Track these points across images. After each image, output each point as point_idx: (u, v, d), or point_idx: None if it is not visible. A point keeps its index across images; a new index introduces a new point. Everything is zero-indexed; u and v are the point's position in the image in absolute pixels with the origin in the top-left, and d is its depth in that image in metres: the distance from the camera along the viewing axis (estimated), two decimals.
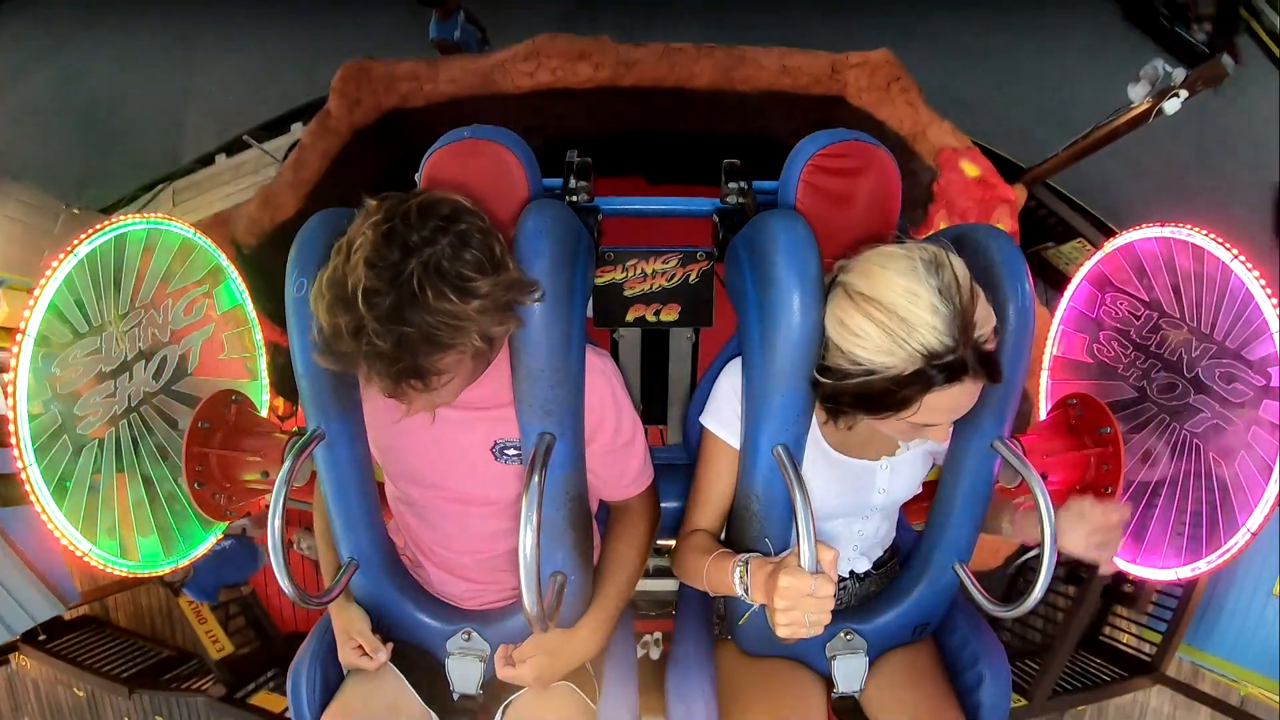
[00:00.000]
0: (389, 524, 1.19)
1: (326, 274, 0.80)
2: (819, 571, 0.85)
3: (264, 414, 1.51)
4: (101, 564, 1.26)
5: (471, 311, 0.79)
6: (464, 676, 1.14)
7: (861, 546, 1.18)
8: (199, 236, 1.49)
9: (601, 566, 1.13)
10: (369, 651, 1.11)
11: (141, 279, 1.38)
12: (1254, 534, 1.18)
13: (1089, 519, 0.98)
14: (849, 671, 1.15)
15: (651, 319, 1.36)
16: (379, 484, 1.13)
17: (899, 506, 1.20)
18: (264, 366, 1.60)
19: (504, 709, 1.14)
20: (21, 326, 1.21)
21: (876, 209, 1.06)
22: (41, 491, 1.20)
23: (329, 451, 1.03)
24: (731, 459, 1.08)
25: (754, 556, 0.97)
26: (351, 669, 1.14)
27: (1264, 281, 1.19)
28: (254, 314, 1.61)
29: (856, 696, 1.17)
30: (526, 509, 0.87)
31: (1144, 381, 1.34)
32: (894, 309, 0.82)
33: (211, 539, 1.43)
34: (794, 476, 0.93)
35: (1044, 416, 1.34)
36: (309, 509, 1.24)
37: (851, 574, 1.20)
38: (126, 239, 1.35)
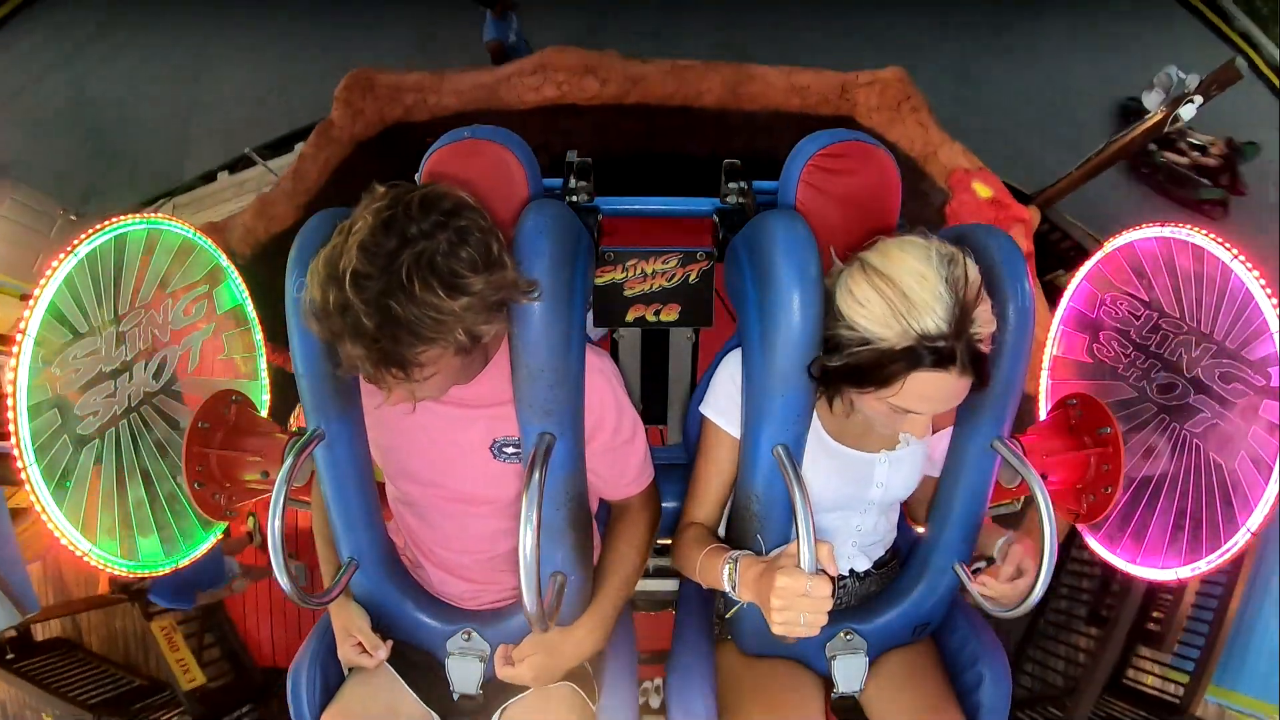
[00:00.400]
0: (389, 524, 1.19)
1: (324, 252, 0.80)
2: (818, 571, 0.85)
3: (264, 414, 1.51)
4: (101, 564, 1.26)
5: (458, 308, 0.79)
6: (464, 676, 1.14)
7: (860, 543, 1.18)
8: (199, 236, 1.49)
9: (601, 566, 1.13)
10: (369, 649, 1.11)
11: (141, 279, 1.38)
12: (1254, 534, 1.18)
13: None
14: (849, 671, 1.15)
15: (651, 319, 1.36)
16: (379, 484, 1.14)
17: (898, 504, 1.20)
18: (264, 366, 1.60)
19: (503, 709, 1.13)
20: (21, 326, 1.21)
21: (876, 208, 1.06)
22: (41, 491, 1.20)
23: (329, 451, 1.03)
24: (730, 449, 1.08)
25: (744, 555, 0.97)
26: (352, 668, 1.14)
27: (1264, 281, 1.19)
28: (254, 314, 1.61)
29: (856, 696, 1.17)
30: (526, 509, 0.87)
31: (1144, 381, 1.34)
32: (901, 286, 0.85)
33: (212, 539, 1.43)
34: (794, 477, 0.93)
35: (1044, 416, 1.34)
36: (309, 509, 1.24)
37: (851, 573, 1.20)
38: (126, 239, 1.35)
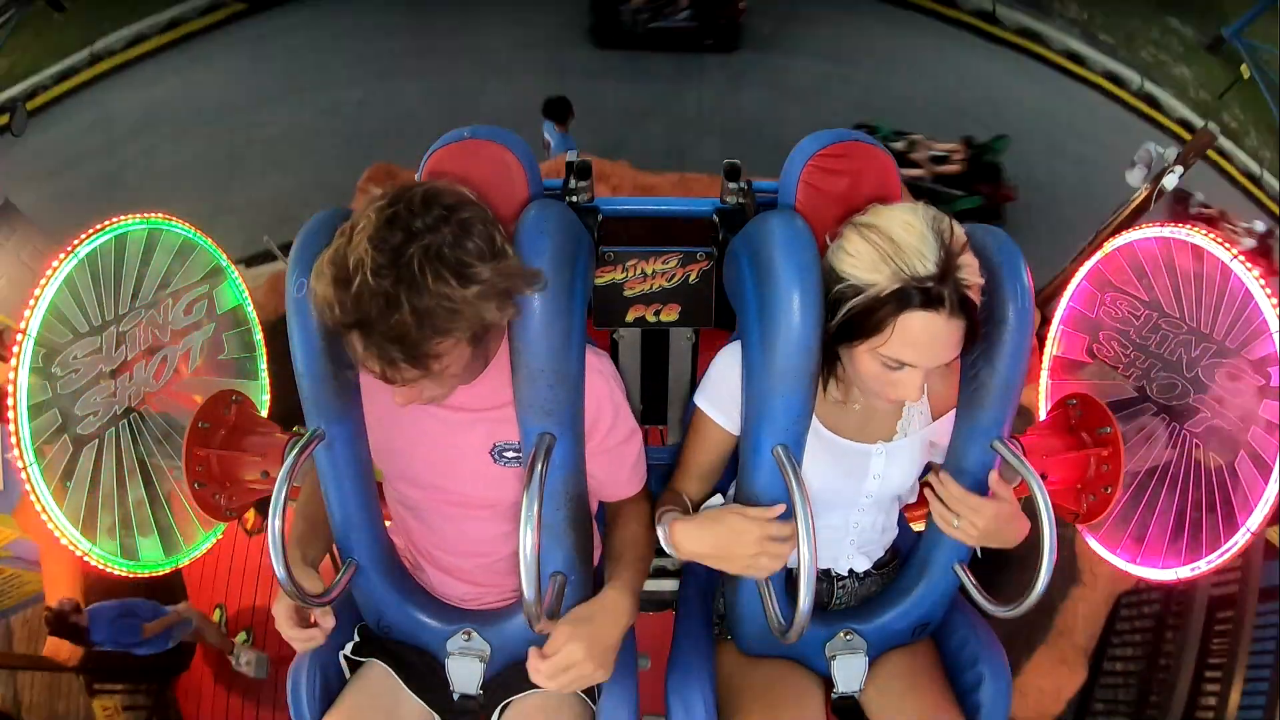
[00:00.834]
0: (389, 525, 1.19)
1: (328, 254, 0.80)
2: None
3: (264, 414, 1.51)
4: (101, 564, 1.26)
5: (470, 297, 0.79)
6: (464, 676, 1.14)
7: (859, 541, 1.18)
8: (199, 236, 1.49)
9: (612, 546, 1.11)
10: (315, 620, 1.00)
11: (141, 279, 1.38)
12: (1254, 534, 1.18)
13: None
14: (849, 672, 1.15)
15: (651, 319, 1.36)
16: (379, 484, 1.13)
17: (897, 502, 1.20)
18: (264, 367, 1.61)
19: (502, 709, 1.13)
20: (22, 326, 1.21)
21: None
22: (41, 491, 1.20)
23: (329, 452, 1.03)
24: (718, 439, 1.09)
25: (676, 514, 1.02)
26: (352, 669, 1.14)
27: (1264, 281, 1.19)
28: (254, 314, 1.61)
29: (856, 697, 1.17)
30: (526, 509, 0.87)
31: (1144, 381, 1.34)
32: (889, 233, 0.89)
33: (212, 539, 1.43)
34: (794, 477, 0.93)
35: (1044, 416, 1.34)
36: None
37: (851, 573, 1.20)
38: (126, 239, 1.35)
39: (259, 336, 1.61)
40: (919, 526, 1.23)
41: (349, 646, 1.16)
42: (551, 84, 5.45)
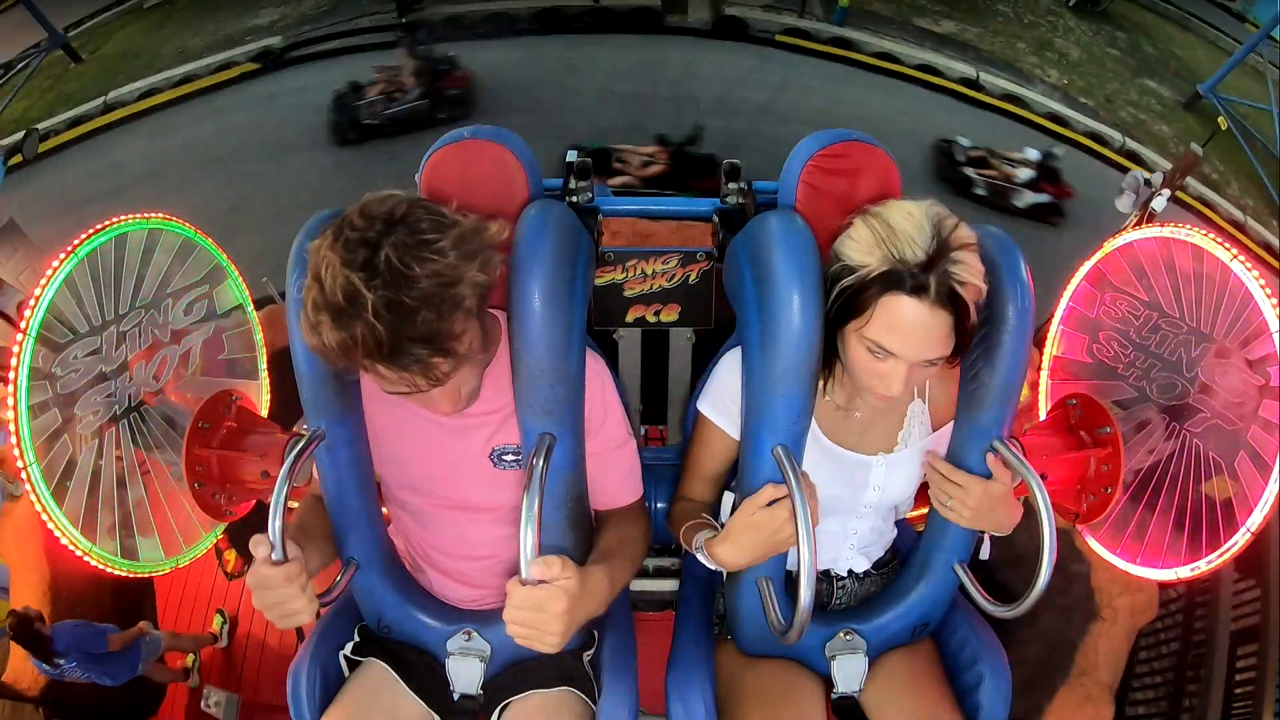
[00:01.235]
0: (389, 526, 1.19)
1: (309, 307, 0.79)
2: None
3: (264, 414, 1.51)
4: (102, 564, 1.26)
5: (454, 261, 0.80)
6: (464, 677, 1.14)
7: (858, 545, 1.18)
8: (199, 236, 1.49)
9: (603, 541, 1.09)
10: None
11: (141, 279, 1.38)
12: (1254, 534, 1.18)
13: None
14: (849, 672, 1.15)
15: (651, 319, 1.36)
16: (379, 485, 1.13)
17: (894, 511, 1.20)
18: (264, 366, 1.60)
19: (501, 710, 1.13)
20: (22, 326, 1.21)
21: None
22: (41, 491, 1.20)
23: (329, 452, 1.03)
24: (723, 444, 1.10)
25: (708, 536, 1.02)
26: (352, 669, 1.14)
27: (1264, 281, 1.19)
28: (254, 313, 1.61)
29: (856, 697, 1.17)
30: (526, 509, 0.87)
31: (1144, 381, 1.34)
32: (889, 219, 0.91)
33: (212, 539, 1.43)
34: (794, 476, 0.93)
35: (1044, 416, 1.34)
36: None
37: (850, 573, 1.20)
38: (126, 239, 1.35)
39: (259, 336, 1.61)
40: (919, 527, 1.23)
41: (349, 646, 1.16)
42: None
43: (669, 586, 1.60)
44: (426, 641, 1.16)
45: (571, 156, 1.33)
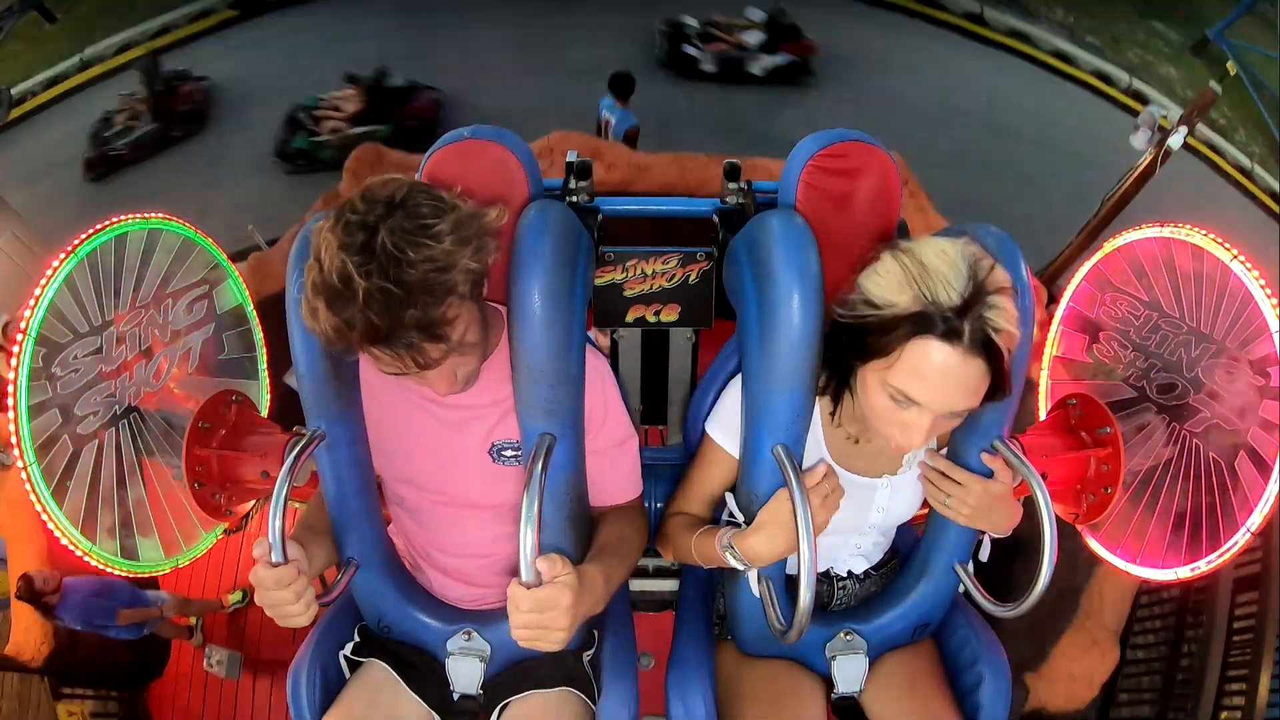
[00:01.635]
0: (389, 526, 1.19)
1: (308, 289, 0.80)
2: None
3: (264, 414, 1.51)
4: (102, 564, 1.26)
5: (449, 247, 0.80)
6: (464, 676, 1.14)
7: (859, 553, 1.19)
8: (199, 236, 1.49)
9: (599, 538, 1.08)
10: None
11: (141, 279, 1.38)
12: (1254, 534, 1.18)
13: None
14: (849, 672, 1.15)
15: (651, 319, 1.36)
16: (379, 484, 1.13)
17: (895, 528, 1.20)
18: (264, 367, 1.60)
19: (501, 710, 1.13)
20: (22, 326, 1.21)
21: (876, 209, 1.05)
22: (41, 491, 1.20)
23: (329, 452, 1.03)
24: (728, 466, 1.09)
25: (734, 533, 1.00)
26: (352, 669, 1.14)
27: (1264, 281, 1.19)
28: (254, 313, 1.61)
29: (856, 697, 1.17)
30: (527, 509, 0.86)
31: (1144, 381, 1.34)
32: (922, 258, 0.85)
33: (212, 539, 1.43)
34: (794, 476, 0.93)
35: (1044, 416, 1.34)
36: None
37: (850, 574, 1.20)
38: (126, 239, 1.35)
39: (259, 336, 1.60)
40: (919, 527, 1.23)
41: (349, 646, 1.16)
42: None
43: (669, 586, 1.60)
44: (426, 641, 1.16)
45: (571, 157, 1.33)
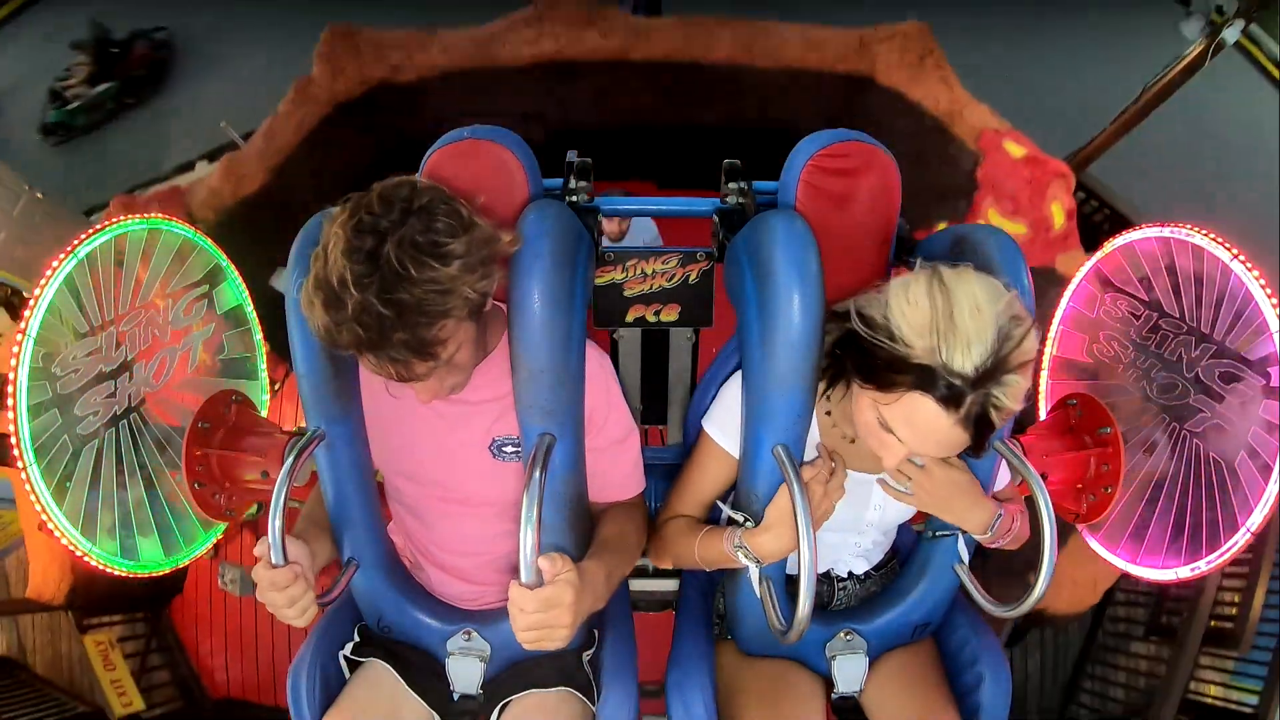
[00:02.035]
0: (389, 524, 1.19)
1: (310, 281, 0.81)
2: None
3: (264, 414, 1.51)
4: (101, 564, 1.26)
5: (454, 272, 0.80)
6: (464, 676, 1.14)
7: (859, 554, 1.19)
8: (199, 237, 1.49)
9: (599, 536, 1.08)
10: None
11: (141, 279, 1.38)
12: (1254, 534, 1.18)
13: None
14: (849, 672, 1.15)
15: (651, 319, 1.35)
16: (379, 484, 1.13)
17: (895, 527, 1.20)
18: (264, 367, 1.61)
19: (501, 709, 1.13)
20: (22, 326, 1.21)
21: (877, 209, 1.06)
22: (41, 491, 1.20)
23: (329, 452, 1.03)
24: (726, 465, 1.09)
25: (744, 532, 1.00)
26: (352, 669, 1.14)
27: (1264, 281, 1.19)
28: (254, 314, 1.61)
29: (856, 697, 1.17)
30: (526, 509, 0.86)
31: (1144, 381, 1.34)
32: (955, 307, 0.81)
33: (212, 539, 1.43)
34: (794, 476, 0.93)
35: (1044, 416, 1.34)
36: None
37: (851, 575, 1.20)
38: (126, 239, 1.35)
39: (259, 336, 1.61)
40: (919, 527, 1.23)
41: (349, 646, 1.16)
42: None
43: (669, 586, 1.60)
44: (426, 641, 1.16)
45: (571, 157, 1.33)
